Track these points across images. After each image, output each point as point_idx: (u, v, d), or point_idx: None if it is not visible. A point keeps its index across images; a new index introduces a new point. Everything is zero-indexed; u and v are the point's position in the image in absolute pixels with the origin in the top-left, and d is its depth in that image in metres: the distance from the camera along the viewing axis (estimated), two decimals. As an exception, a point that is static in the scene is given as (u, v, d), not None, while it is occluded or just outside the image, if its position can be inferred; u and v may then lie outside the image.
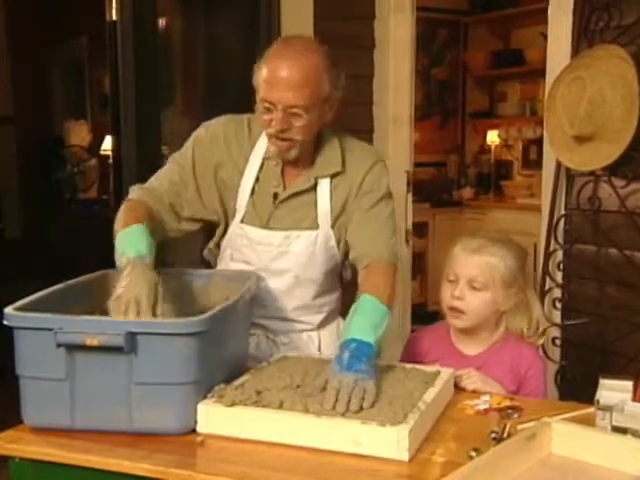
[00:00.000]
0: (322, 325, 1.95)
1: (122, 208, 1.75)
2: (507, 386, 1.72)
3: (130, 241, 1.60)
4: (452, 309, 1.81)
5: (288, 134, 1.71)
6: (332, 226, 1.84)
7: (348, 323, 1.61)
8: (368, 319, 1.59)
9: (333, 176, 1.82)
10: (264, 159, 1.83)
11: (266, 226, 1.83)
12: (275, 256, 1.83)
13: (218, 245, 1.93)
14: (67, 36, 5.80)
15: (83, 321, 1.39)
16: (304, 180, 1.82)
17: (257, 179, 1.83)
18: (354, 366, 1.45)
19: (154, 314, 1.46)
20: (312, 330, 1.93)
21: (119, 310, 1.45)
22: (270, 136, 1.75)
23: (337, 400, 1.38)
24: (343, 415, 1.35)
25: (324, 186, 1.82)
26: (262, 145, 1.83)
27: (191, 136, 1.90)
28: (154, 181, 1.86)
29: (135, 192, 1.82)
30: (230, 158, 1.84)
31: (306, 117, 1.69)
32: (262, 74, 1.69)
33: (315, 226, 1.83)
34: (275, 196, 1.83)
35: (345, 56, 3.41)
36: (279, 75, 1.66)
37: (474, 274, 1.77)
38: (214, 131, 1.86)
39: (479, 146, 6.22)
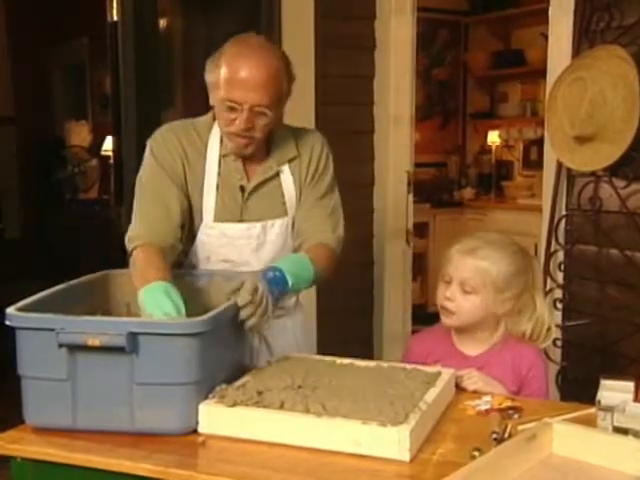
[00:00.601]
0: (293, 310, 2.00)
1: (136, 257, 1.71)
2: (508, 386, 1.72)
3: (156, 302, 1.54)
4: (443, 308, 1.81)
5: (250, 132, 1.74)
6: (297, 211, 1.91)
7: (284, 257, 1.77)
8: (299, 270, 1.71)
9: (290, 161, 1.88)
10: (221, 156, 1.84)
11: (240, 220, 1.85)
12: (255, 248, 1.86)
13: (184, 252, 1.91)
14: (68, 36, 5.80)
15: (85, 321, 1.40)
16: (266, 168, 1.86)
17: (219, 175, 1.84)
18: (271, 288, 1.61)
19: None
20: (286, 315, 1.96)
21: None
22: (229, 134, 1.77)
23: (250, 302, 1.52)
24: (344, 416, 1.35)
25: (286, 172, 1.87)
26: (215, 143, 1.84)
27: (149, 159, 1.84)
28: (149, 215, 1.78)
29: (141, 237, 1.74)
30: (189, 161, 1.84)
31: (270, 116, 1.73)
32: (222, 73, 1.70)
33: (284, 213, 1.88)
34: (242, 189, 1.85)
35: (346, 56, 3.47)
36: (243, 75, 1.68)
37: (465, 277, 1.77)
38: (167, 138, 1.84)
39: (480, 146, 6.22)
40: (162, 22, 3.23)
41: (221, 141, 1.83)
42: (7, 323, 1.38)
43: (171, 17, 3.34)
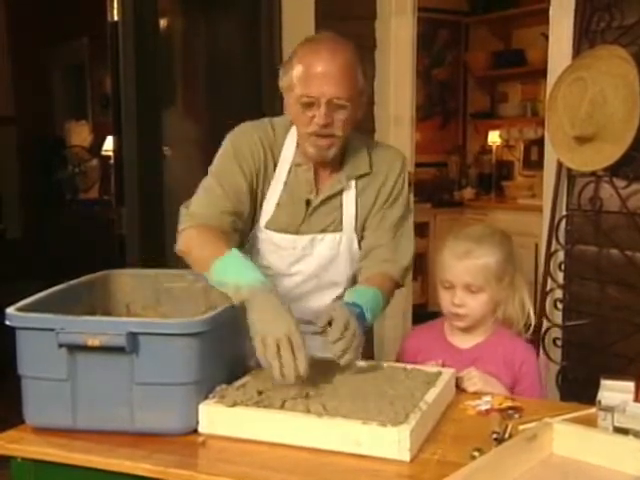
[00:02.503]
0: None
1: (193, 235, 1.69)
2: (503, 379, 1.72)
3: (239, 269, 1.54)
4: (454, 314, 1.81)
5: (330, 130, 1.69)
6: (356, 229, 1.84)
7: (363, 292, 1.71)
8: (375, 305, 1.70)
9: (360, 177, 1.82)
10: (293, 165, 1.79)
11: (297, 232, 1.80)
12: (298, 259, 1.81)
13: None
14: (68, 36, 5.81)
15: (84, 321, 1.39)
16: (335, 182, 1.80)
17: (285, 185, 1.79)
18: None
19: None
20: None
21: (272, 352, 1.41)
22: (310, 135, 1.71)
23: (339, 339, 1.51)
24: (344, 416, 1.35)
25: (351, 188, 1.82)
26: (290, 150, 1.80)
27: (226, 151, 1.80)
28: (210, 208, 1.73)
29: (195, 218, 1.71)
30: (264, 166, 1.79)
31: (349, 109, 1.68)
32: (297, 72, 1.68)
33: (339, 228, 1.82)
34: (308, 203, 1.80)
35: (346, 56, 3.46)
36: (317, 69, 1.65)
37: (468, 280, 1.78)
38: (251, 140, 1.79)
39: (480, 146, 6.22)
40: (162, 22, 3.23)
41: (297, 146, 1.79)
42: (7, 323, 1.38)
43: (171, 17, 3.34)
